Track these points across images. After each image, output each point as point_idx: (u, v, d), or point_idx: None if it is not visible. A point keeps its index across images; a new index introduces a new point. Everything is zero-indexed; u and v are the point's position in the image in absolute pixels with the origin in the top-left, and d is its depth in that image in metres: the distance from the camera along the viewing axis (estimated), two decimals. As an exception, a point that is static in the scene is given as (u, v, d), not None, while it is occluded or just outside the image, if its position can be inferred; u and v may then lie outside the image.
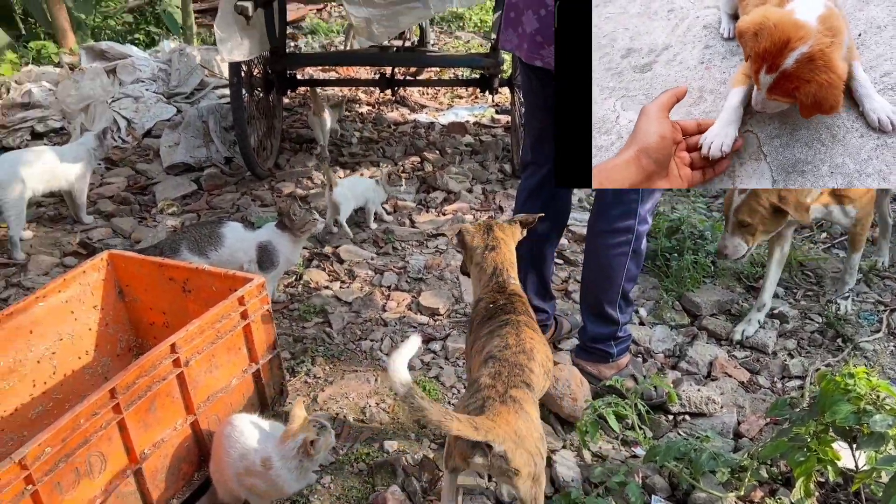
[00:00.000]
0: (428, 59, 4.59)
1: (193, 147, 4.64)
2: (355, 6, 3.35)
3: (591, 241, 2.52)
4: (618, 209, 2.39)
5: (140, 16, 9.56)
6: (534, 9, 2.20)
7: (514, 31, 2.32)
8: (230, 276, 2.42)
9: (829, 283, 3.32)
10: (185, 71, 5.60)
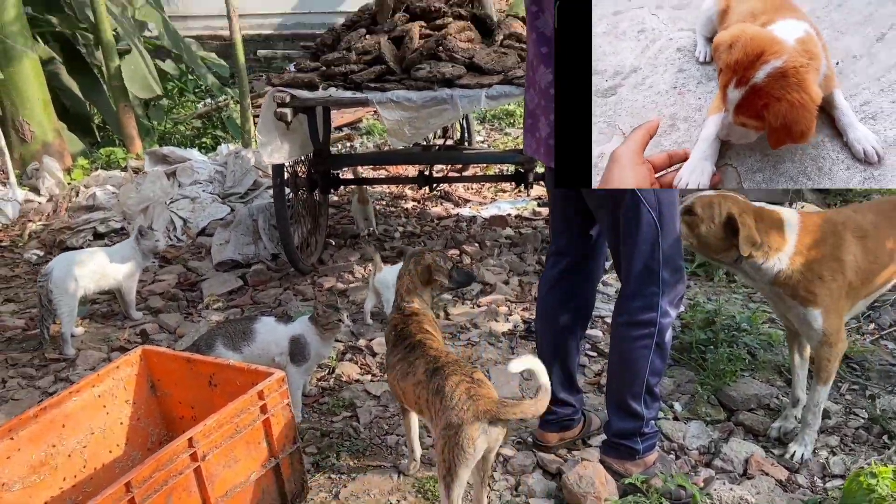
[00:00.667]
0: (464, 156, 4.73)
1: (242, 244, 4.83)
2: (389, 110, 3.52)
3: (614, 334, 2.51)
4: (639, 301, 2.38)
5: (208, 121, 10.14)
6: (545, 115, 2.29)
7: (532, 136, 2.42)
8: (252, 370, 2.48)
9: (877, 377, 3.18)
10: (239, 172, 5.89)
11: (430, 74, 3.57)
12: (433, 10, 3.94)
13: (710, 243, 2.51)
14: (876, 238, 2.57)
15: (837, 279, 2.51)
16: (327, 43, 4.06)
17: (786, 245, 2.50)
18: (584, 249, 2.61)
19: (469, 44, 3.82)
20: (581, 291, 2.66)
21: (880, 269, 2.59)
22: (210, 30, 12.99)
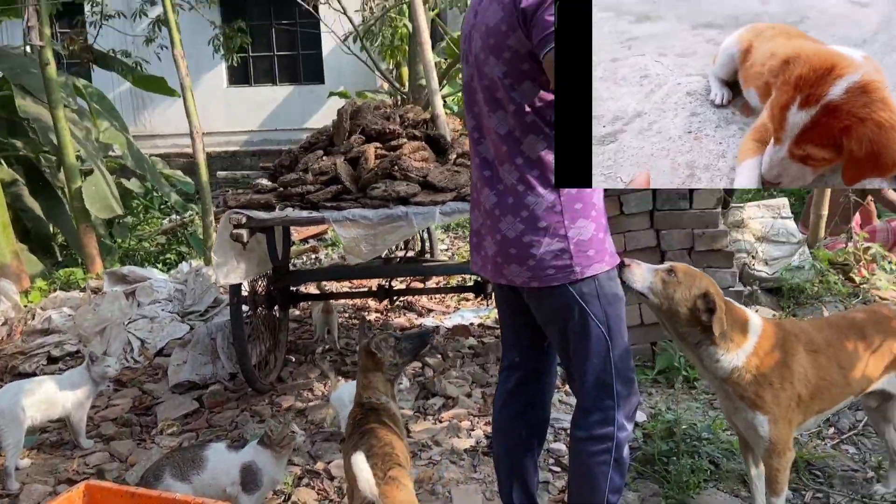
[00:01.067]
0: (424, 268, 4.78)
1: (200, 364, 4.74)
2: (345, 229, 3.56)
3: (571, 451, 2.47)
4: (595, 416, 2.37)
5: (172, 237, 10.17)
6: (491, 235, 2.33)
7: (478, 254, 2.45)
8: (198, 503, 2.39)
9: (839, 483, 3.15)
10: (200, 290, 5.86)
11: (386, 193, 3.64)
12: (388, 131, 4.07)
13: (679, 311, 2.48)
14: (827, 355, 2.62)
15: (786, 388, 2.53)
16: (285, 164, 4.14)
17: (746, 343, 2.53)
18: (536, 363, 2.61)
19: (423, 163, 3.93)
20: (536, 405, 2.63)
21: (831, 386, 2.62)
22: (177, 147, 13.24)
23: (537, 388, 2.63)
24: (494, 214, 2.30)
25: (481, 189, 2.37)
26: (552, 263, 2.22)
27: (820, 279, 5.22)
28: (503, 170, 2.26)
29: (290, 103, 13.48)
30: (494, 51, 2.19)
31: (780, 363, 2.54)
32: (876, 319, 2.77)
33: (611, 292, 2.31)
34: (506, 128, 2.23)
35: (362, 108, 4.24)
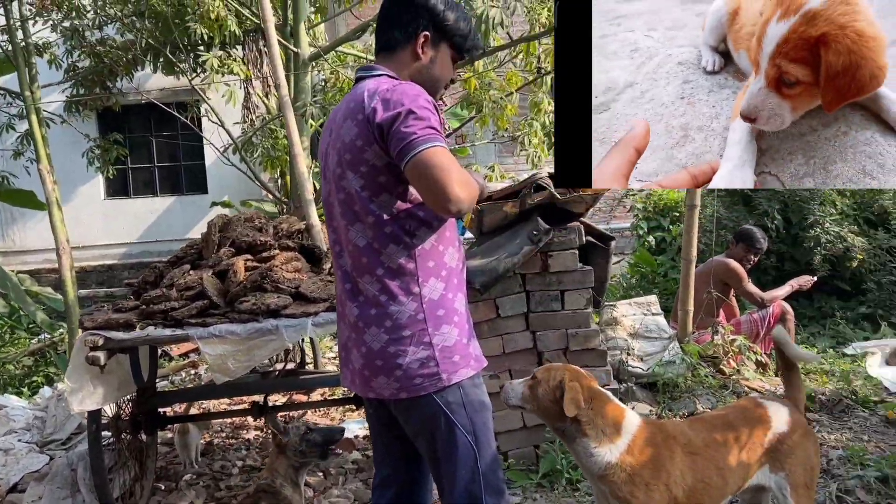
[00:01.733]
0: (302, 381, 4.64)
1: (58, 499, 4.36)
2: (211, 346, 3.43)
3: None
4: None
5: (41, 358, 9.50)
6: (357, 348, 2.30)
7: (346, 369, 2.41)
8: None
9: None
10: (61, 416, 5.45)
11: (255, 306, 3.55)
12: (259, 243, 4.01)
13: (544, 406, 2.56)
14: (705, 456, 2.65)
15: (661, 490, 2.55)
16: (149, 280, 3.99)
17: (620, 439, 2.55)
18: (409, 478, 2.53)
19: (296, 274, 3.88)
20: (412, 495, 2.54)
21: (709, 488, 2.64)
22: (49, 262, 12.57)
23: None
24: (358, 327, 2.28)
25: (345, 302, 2.35)
26: (419, 372, 2.21)
27: (692, 372, 5.41)
28: (363, 281, 2.26)
29: (172, 214, 13.20)
30: (351, 166, 2.23)
31: (655, 463, 2.57)
32: (744, 415, 2.85)
33: (477, 400, 2.31)
34: (365, 240, 2.24)
35: (233, 220, 4.18)
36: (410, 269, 2.22)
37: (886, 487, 3.74)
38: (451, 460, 2.27)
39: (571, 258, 4.54)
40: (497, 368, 4.76)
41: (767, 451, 2.76)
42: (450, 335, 2.24)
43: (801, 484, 2.76)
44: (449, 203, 2.02)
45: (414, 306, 2.21)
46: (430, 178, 2.02)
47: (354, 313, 2.29)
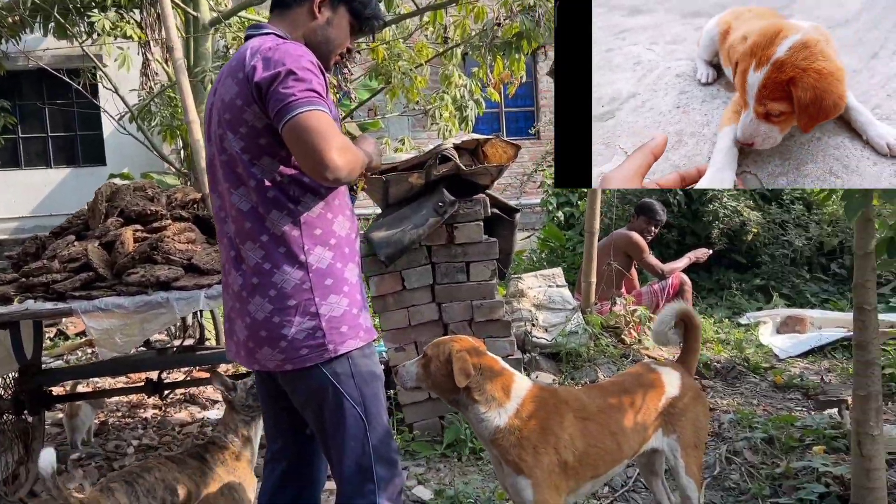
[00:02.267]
0: (200, 357, 4.49)
1: (-67, 486, 4.08)
2: (96, 320, 3.26)
3: None
4: (358, 501, 2.26)
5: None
6: (241, 318, 2.21)
7: (231, 340, 2.32)
8: None
9: (612, 541, 3.25)
10: (-61, 398, 5.10)
11: (144, 278, 3.39)
12: (150, 213, 3.82)
13: (438, 381, 2.56)
14: (599, 422, 2.68)
15: (550, 454, 2.56)
16: (30, 252, 3.76)
17: (508, 403, 2.56)
18: (301, 451, 2.47)
19: (189, 245, 3.72)
20: (304, 499, 2.48)
21: (603, 453, 2.67)
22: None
23: (304, 480, 2.49)
24: (242, 296, 2.19)
25: (229, 271, 2.26)
26: (305, 343, 2.14)
27: (594, 342, 5.52)
28: (246, 248, 2.16)
29: (67, 186, 12.54)
30: (231, 126, 2.12)
31: (544, 427, 2.58)
32: (639, 381, 2.91)
33: (366, 370, 2.25)
34: (248, 204, 2.15)
35: (121, 189, 3.97)
36: (295, 236, 2.13)
37: (771, 448, 3.91)
38: (340, 432, 2.22)
39: (476, 230, 4.54)
40: (403, 341, 4.74)
41: (661, 414, 2.84)
42: (338, 305, 2.17)
43: (690, 444, 2.85)
44: (326, 170, 1.94)
45: (300, 275, 2.13)
46: (306, 142, 1.94)
47: (238, 282, 2.20)
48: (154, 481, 2.74)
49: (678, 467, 2.85)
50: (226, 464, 2.89)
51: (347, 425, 2.20)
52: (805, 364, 5.80)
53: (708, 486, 3.66)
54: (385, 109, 9.63)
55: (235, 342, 2.28)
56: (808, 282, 8.21)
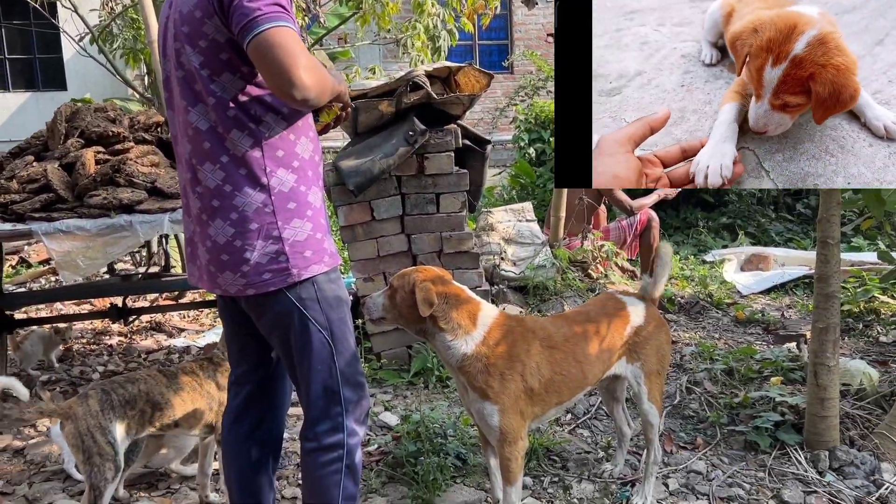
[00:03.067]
0: (161, 284, 4.44)
1: None
2: (57, 241, 3.19)
3: (303, 464, 2.34)
4: (323, 425, 2.26)
5: None
6: (202, 243, 2.16)
7: (193, 265, 2.27)
8: None
9: (574, 466, 3.33)
10: None
11: (106, 201, 3.32)
12: (112, 134, 3.72)
13: (403, 312, 2.56)
14: (564, 350, 2.71)
15: (516, 380, 2.60)
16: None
17: (475, 331, 2.57)
18: (265, 376, 2.47)
19: (153, 168, 3.64)
20: (268, 421, 2.49)
21: (568, 380, 2.71)
22: None
23: (268, 402, 2.49)
24: (202, 219, 2.13)
25: (188, 193, 2.19)
26: (268, 268, 2.10)
27: (561, 276, 5.57)
28: (205, 170, 2.09)
29: (27, 111, 12.14)
30: (190, 40, 2.02)
31: (510, 355, 2.60)
32: (604, 310, 2.93)
33: (332, 295, 2.23)
34: (207, 123, 2.06)
35: (81, 110, 3.84)
36: (257, 157, 2.04)
37: (731, 379, 4.02)
38: (307, 357, 2.21)
39: (447, 161, 4.49)
40: (371, 271, 4.73)
41: (626, 343, 2.89)
42: (301, 230, 2.13)
43: (653, 372, 2.91)
44: (293, 88, 1.85)
45: (261, 198, 2.07)
46: (272, 59, 1.84)
47: (197, 205, 2.13)
48: (136, 393, 2.78)
49: (641, 393, 2.91)
50: (217, 381, 2.93)
51: (314, 349, 2.20)
52: (767, 300, 5.92)
53: (668, 413, 3.76)
54: (355, 38, 9.41)
55: (198, 266, 2.23)
56: (774, 221, 8.33)
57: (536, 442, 3.40)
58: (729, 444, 3.45)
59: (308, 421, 2.30)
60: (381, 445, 3.58)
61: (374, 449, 3.55)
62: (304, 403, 2.30)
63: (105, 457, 2.66)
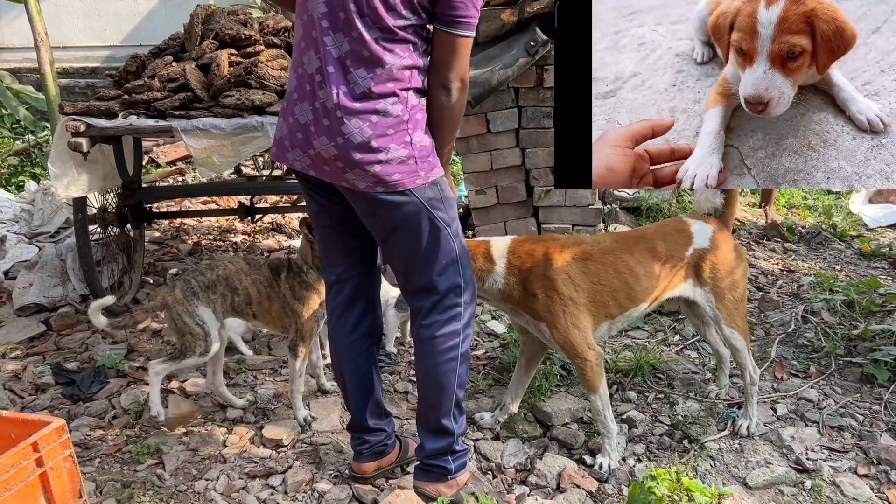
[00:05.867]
0: (287, 185, 4.63)
1: (49, 287, 4.46)
2: (195, 139, 3.37)
3: (420, 350, 2.46)
4: (444, 315, 2.39)
5: (26, 158, 9.43)
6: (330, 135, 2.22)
7: (304, 153, 2.29)
8: (29, 420, 2.26)
9: (680, 385, 3.35)
10: (49, 210, 5.47)
11: (239, 101, 3.46)
12: (244, 37, 3.85)
13: None
14: (602, 262, 2.73)
15: (552, 295, 2.67)
16: (131, 70, 3.86)
17: (496, 267, 2.70)
18: (366, 272, 2.58)
19: (282, 72, 3.75)
20: (370, 314, 2.62)
21: (612, 291, 2.73)
22: (29, 61, 12.11)
23: (370, 297, 2.61)
24: (336, 116, 2.20)
25: (323, 84, 2.22)
26: (399, 169, 2.21)
27: (676, 199, 5.45)
28: (358, 73, 2.17)
29: (156, 17, 12.58)
30: None
31: (539, 275, 2.68)
32: (664, 230, 2.89)
33: (449, 196, 2.37)
34: (377, 33, 2.16)
35: (216, 13, 3.98)
36: (406, 76, 2.21)
37: (850, 311, 3.88)
38: (434, 251, 2.32)
39: (567, 74, 4.41)
40: (484, 184, 4.78)
41: (689, 265, 2.84)
42: (425, 140, 2.27)
43: (727, 297, 2.85)
44: (444, 91, 2.24)
45: (399, 109, 2.20)
46: (450, 59, 2.19)
47: (335, 100, 2.19)
48: (215, 278, 2.98)
49: (717, 319, 2.88)
50: (294, 288, 3.01)
51: (440, 244, 2.31)
52: (895, 234, 5.62)
53: (781, 341, 3.70)
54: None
55: (313, 156, 2.28)
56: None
57: (642, 359, 3.43)
58: (843, 376, 3.38)
59: (429, 312, 2.41)
60: (489, 351, 3.70)
61: (482, 353, 3.68)
62: (422, 296, 2.41)
63: (196, 336, 2.92)
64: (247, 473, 2.78)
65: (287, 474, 2.76)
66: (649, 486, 1.82)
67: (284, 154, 2.34)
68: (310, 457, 2.87)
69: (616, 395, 3.28)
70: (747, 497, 2.60)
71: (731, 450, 2.88)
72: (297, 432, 3.04)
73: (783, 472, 2.71)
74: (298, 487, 2.69)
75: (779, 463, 2.79)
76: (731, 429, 2.98)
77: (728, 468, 2.78)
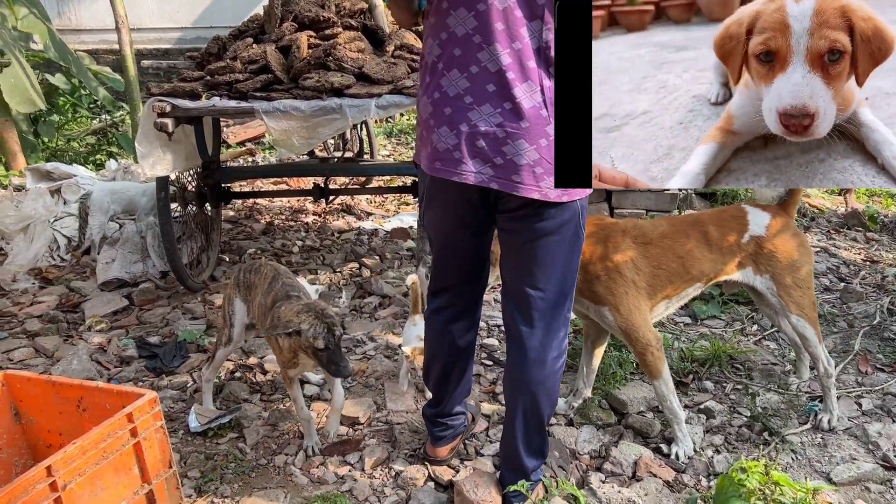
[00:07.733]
0: (360, 168, 4.67)
1: (130, 262, 4.62)
2: (275, 120, 3.42)
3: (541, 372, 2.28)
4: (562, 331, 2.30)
5: (102, 137, 9.73)
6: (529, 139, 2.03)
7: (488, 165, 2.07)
8: (123, 392, 2.34)
9: (759, 376, 3.28)
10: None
11: (319, 83, 3.50)
12: (322, 19, 3.88)
13: None
14: (661, 246, 2.75)
15: (615, 279, 2.67)
16: (213, 52, 3.93)
17: None
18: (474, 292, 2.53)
19: (359, 54, 3.77)
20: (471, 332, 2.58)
21: (670, 274, 2.75)
22: (106, 43, 12.54)
23: (473, 317, 2.55)
24: (541, 115, 2.00)
25: (515, 83, 2.01)
26: None
27: (753, 185, 5.30)
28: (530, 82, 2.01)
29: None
30: None
31: (601, 257, 2.68)
32: (720, 218, 2.88)
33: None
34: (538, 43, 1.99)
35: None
36: None
37: (940, 305, 3.74)
38: (572, 261, 2.23)
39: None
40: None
41: (744, 251, 2.82)
42: None
43: (788, 284, 2.80)
44: None
45: None
46: None
47: (531, 104, 1.99)
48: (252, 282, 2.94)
49: (781, 307, 2.85)
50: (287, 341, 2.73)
51: (575, 254, 2.24)
52: None
53: (866, 334, 3.58)
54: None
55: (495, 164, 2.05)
56: None
57: (719, 349, 3.37)
58: (933, 372, 3.26)
59: (552, 330, 2.28)
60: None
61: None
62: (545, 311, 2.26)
63: (225, 323, 2.99)
64: (323, 450, 2.83)
65: (364, 452, 2.80)
66: (739, 479, 1.78)
67: (455, 167, 2.08)
68: (385, 435, 2.91)
69: (692, 384, 3.24)
70: (832, 493, 2.53)
71: (813, 444, 2.81)
72: (373, 410, 3.08)
73: (870, 468, 2.64)
74: (376, 465, 2.73)
75: (864, 459, 2.71)
76: (814, 422, 2.91)
77: (811, 462, 2.71)
